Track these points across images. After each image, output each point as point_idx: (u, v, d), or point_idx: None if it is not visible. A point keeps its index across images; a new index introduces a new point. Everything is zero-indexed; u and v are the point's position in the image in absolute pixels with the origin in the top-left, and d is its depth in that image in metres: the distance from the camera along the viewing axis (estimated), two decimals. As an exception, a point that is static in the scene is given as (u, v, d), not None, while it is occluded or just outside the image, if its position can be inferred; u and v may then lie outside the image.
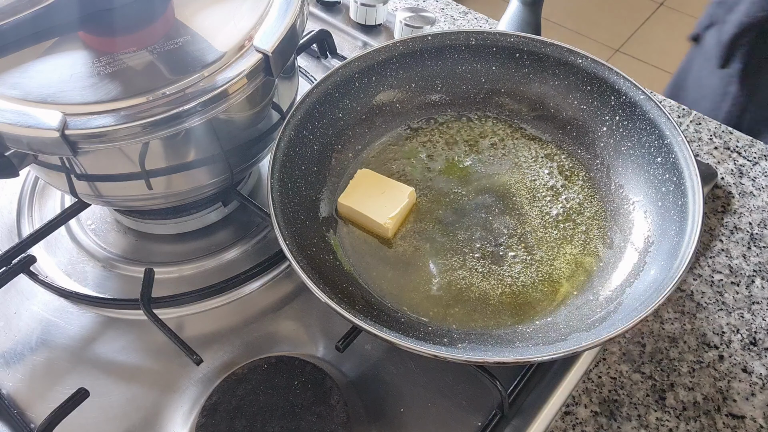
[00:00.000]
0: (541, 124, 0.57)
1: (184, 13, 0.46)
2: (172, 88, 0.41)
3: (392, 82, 0.57)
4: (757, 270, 0.54)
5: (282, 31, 0.44)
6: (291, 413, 0.42)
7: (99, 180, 0.46)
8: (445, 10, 0.79)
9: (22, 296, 0.52)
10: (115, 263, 0.54)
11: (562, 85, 0.55)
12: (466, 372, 0.47)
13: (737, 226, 0.58)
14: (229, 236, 0.56)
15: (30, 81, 0.41)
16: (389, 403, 0.46)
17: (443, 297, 0.48)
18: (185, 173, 0.47)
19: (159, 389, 0.47)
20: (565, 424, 0.46)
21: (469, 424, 0.45)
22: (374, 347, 0.49)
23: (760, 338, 0.50)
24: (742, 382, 0.48)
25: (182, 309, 0.51)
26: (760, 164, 0.62)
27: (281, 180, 0.48)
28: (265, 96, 0.48)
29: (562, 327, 0.44)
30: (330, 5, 0.77)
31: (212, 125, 0.45)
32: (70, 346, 0.49)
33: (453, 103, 0.58)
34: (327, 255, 0.48)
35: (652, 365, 0.49)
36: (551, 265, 0.49)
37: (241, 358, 0.48)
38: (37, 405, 0.46)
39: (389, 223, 0.50)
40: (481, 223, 0.52)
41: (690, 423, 0.46)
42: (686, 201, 0.45)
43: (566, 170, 0.54)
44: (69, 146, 0.39)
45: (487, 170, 0.55)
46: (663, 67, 1.98)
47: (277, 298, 0.52)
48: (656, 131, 0.50)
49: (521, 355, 0.40)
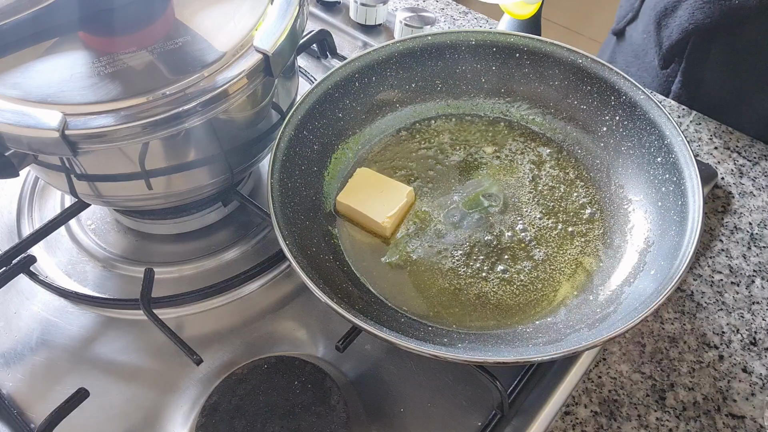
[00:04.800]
0: (541, 124, 0.57)
1: (184, 13, 0.46)
2: (172, 88, 0.41)
3: (392, 82, 0.57)
4: (757, 270, 0.54)
5: (282, 31, 0.44)
6: (291, 413, 0.42)
7: (99, 180, 0.46)
8: (445, 10, 0.79)
9: (22, 296, 0.52)
10: (115, 263, 0.54)
11: (562, 85, 0.55)
12: (466, 372, 0.47)
13: (737, 226, 0.58)
14: (229, 236, 0.56)
15: (30, 81, 0.41)
16: (389, 403, 0.46)
17: (443, 297, 0.48)
18: (185, 173, 0.47)
19: (159, 389, 0.47)
20: (565, 424, 0.46)
21: (469, 424, 0.45)
22: (374, 347, 0.49)
23: (760, 338, 0.50)
24: (742, 382, 0.48)
25: (182, 309, 0.51)
26: (760, 164, 0.62)
27: (281, 180, 0.48)
28: (265, 96, 0.48)
29: (562, 327, 0.44)
30: (330, 5, 0.77)
31: (212, 125, 0.45)
32: (70, 346, 0.49)
33: (452, 103, 0.58)
34: (327, 255, 0.48)
35: (652, 365, 0.49)
36: (551, 265, 0.49)
37: (241, 358, 0.48)
38: (37, 405, 0.46)
39: (387, 222, 0.50)
40: (480, 222, 0.52)
41: (690, 423, 0.46)
42: (686, 201, 0.45)
43: (566, 170, 0.54)
44: (69, 146, 0.39)
45: (487, 170, 0.55)
46: (663, 67, 1.98)
47: (277, 298, 0.52)
48: (656, 131, 0.50)
49: (521, 355, 0.40)
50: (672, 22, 0.67)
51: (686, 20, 0.65)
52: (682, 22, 0.65)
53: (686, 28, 0.65)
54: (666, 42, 0.68)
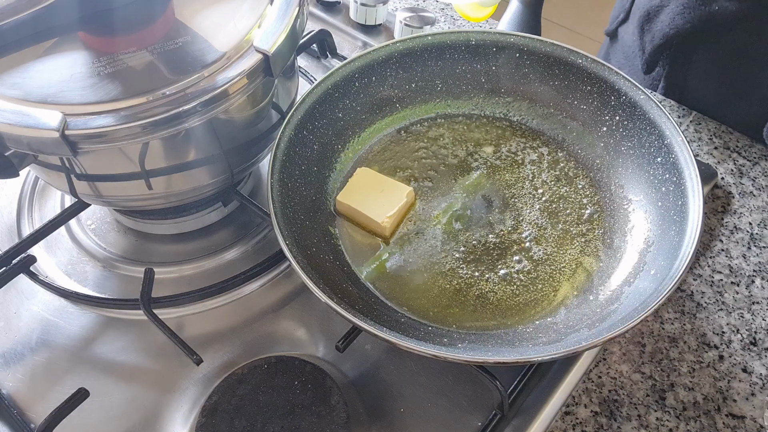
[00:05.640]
0: (541, 124, 0.57)
1: (184, 13, 0.46)
2: (172, 88, 0.41)
3: (392, 82, 0.57)
4: (757, 270, 0.54)
5: (282, 31, 0.44)
6: (291, 413, 0.42)
7: (99, 180, 0.46)
8: (445, 10, 0.79)
9: (22, 296, 0.52)
10: (115, 263, 0.54)
11: (562, 85, 0.55)
12: (466, 372, 0.47)
13: (737, 226, 0.58)
14: (229, 236, 0.56)
15: (30, 81, 0.41)
16: (389, 403, 0.46)
17: (443, 297, 0.48)
18: (185, 173, 0.47)
19: (159, 389, 0.47)
20: (565, 424, 0.46)
21: (469, 424, 0.45)
22: (374, 347, 0.49)
23: (760, 338, 0.50)
24: (742, 382, 0.48)
25: (182, 309, 0.51)
26: (760, 164, 0.62)
27: (281, 180, 0.48)
28: (265, 96, 0.48)
29: (562, 327, 0.44)
30: (330, 5, 0.77)
31: (212, 125, 0.45)
32: (70, 346, 0.49)
33: (452, 103, 0.58)
34: (327, 255, 0.48)
35: (652, 365, 0.49)
36: (551, 265, 0.49)
37: (241, 358, 0.48)
38: (37, 405, 0.46)
39: (387, 222, 0.50)
40: (480, 222, 0.52)
41: (690, 423, 0.46)
42: (686, 201, 0.45)
43: (566, 170, 0.54)
44: (69, 146, 0.39)
45: (487, 170, 0.55)
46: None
47: (277, 298, 0.52)
48: (656, 131, 0.50)
49: (521, 355, 0.40)
50: (654, 26, 0.67)
51: (667, 25, 0.65)
52: (663, 27, 0.66)
53: (668, 33, 0.65)
54: (648, 46, 0.69)
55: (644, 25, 0.69)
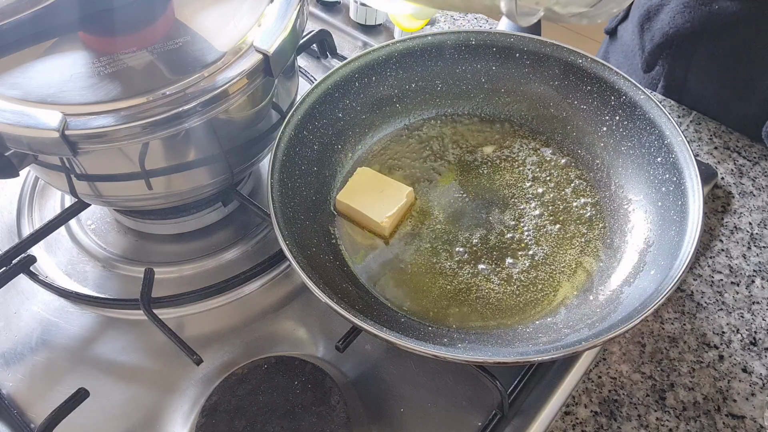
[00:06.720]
0: (541, 124, 0.57)
1: (184, 13, 0.46)
2: (172, 89, 0.41)
3: (392, 82, 0.57)
4: (757, 270, 0.54)
5: (282, 31, 0.44)
6: (291, 413, 0.42)
7: (99, 180, 0.46)
8: (445, 10, 0.79)
9: (22, 296, 0.52)
10: (115, 263, 0.54)
11: (562, 85, 0.55)
12: (466, 372, 0.47)
13: (737, 226, 0.58)
14: (229, 236, 0.56)
15: (30, 81, 0.41)
16: (389, 403, 0.46)
17: (443, 297, 0.48)
18: (185, 173, 0.47)
19: (159, 389, 0.47)
20: (565, 424, 0.46)
21: (469, 424, 0.45)
22: (374, 347, 0.49)
23: (760, 338, 0.50)
24: (742, 382, 0.48)
25: (182, 309, 0.51)
26: (760, 164, 0.62)
27: (281, 180, 0.48)
28: (265, 96, 0.48)
29: (562, 327, 0.44)
30: (330, 5, 0.77)
31: (212, 125, 0.45)
32: (70, 346, 0.49)
33: (452, 103, 0.58)
34: (327, 255, 0.48)
35: (652, 365, 0.49)
36: (551, 265, 0.49)
37: (241, 358, 0.48)
38: (37, 405, 0.46)
39: (386, 222, 0.50)
40: (480, 222, 0.52)
41: (690, 423, 0.46)
42: (686, 201, 0.45)
43: (566, 170, 0.54)
44: (69, 146, 0.39)
45: (487, 170, 0.55)
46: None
47: (277, 298, 0.52)
48: (656, 131, 0.50)
49: (521, 355, 0.40)
50: (654, 25, 0.67)
51: (667, 24, 0.65)
52: (663, 26, 0.66)
53: (667, 32, 0.65)
54: (648, 45, 0.69)
55: (644, 24, 0.69)
